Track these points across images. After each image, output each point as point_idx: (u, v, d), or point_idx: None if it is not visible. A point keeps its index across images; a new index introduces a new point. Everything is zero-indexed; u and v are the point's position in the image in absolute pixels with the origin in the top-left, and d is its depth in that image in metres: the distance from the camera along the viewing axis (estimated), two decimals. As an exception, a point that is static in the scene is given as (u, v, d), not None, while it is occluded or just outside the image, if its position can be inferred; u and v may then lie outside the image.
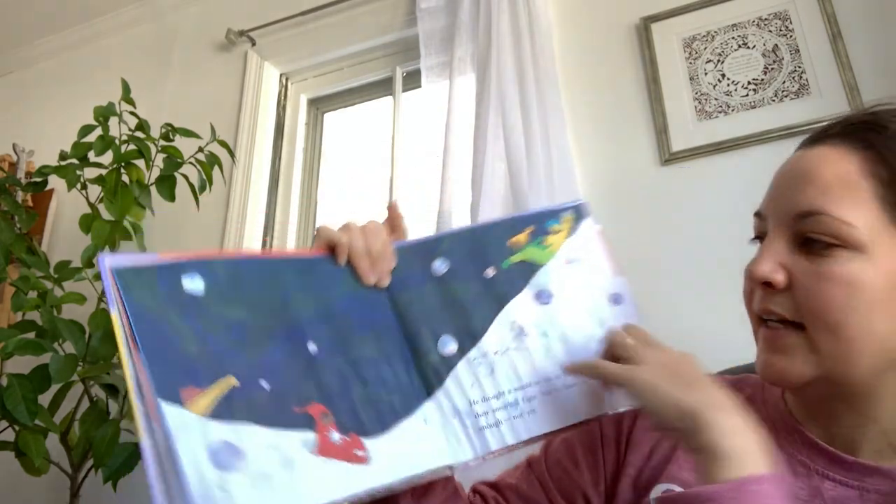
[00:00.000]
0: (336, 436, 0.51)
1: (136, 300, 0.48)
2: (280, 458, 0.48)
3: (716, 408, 0.48)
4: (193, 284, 0.52)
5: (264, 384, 0.51)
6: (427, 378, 0.58)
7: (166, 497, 0.43)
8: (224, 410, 0.47)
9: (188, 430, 0.45)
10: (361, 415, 0.54)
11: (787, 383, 0.56)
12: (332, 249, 0.60)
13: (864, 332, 0.50)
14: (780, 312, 0.53)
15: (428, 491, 0.63)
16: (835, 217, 0.51)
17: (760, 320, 0.56)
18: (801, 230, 0.53)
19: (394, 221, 0.65)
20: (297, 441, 0.49)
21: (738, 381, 0.67)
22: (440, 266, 0.63)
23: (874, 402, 0.53)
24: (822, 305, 0.51)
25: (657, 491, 0.59)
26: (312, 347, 0.55)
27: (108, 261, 0.49)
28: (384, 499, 0.58)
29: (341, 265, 0.59)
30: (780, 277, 0.53)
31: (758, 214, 0.59)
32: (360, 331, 0.58)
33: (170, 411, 0.45)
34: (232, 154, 1.68)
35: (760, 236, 0.58)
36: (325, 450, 0.50)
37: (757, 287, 0.55)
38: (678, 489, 0.58)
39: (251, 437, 0.47)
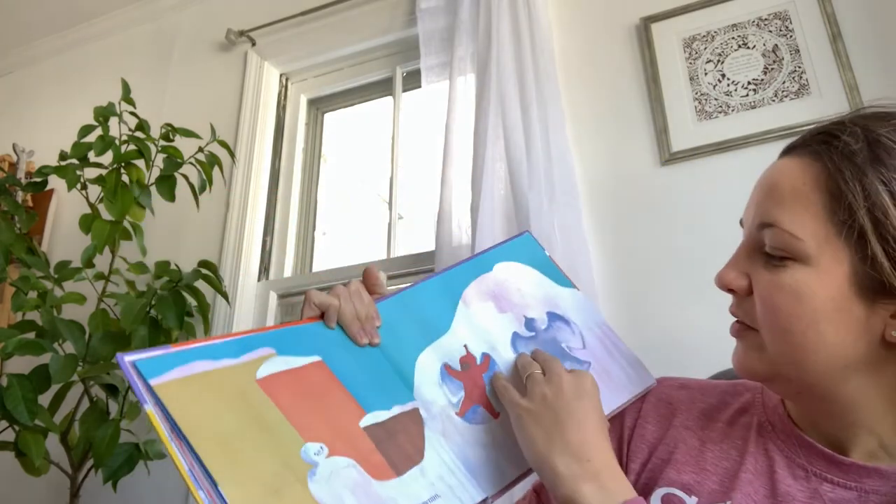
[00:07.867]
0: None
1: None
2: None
3: (582, 479, 0.52)
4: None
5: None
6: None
7: None
8: None
9: None
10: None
11: (747, 375, 0.59)
12: (322, 315, 0.63)
13: (811, 341, 0.52)
14: (741, 318, 0.58)
15: None
16: (784, 230, 0.53)
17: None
18: (761, 240, 0.55)
19: (372, 284, 0.68)
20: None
21: (736, 385, 0.67)
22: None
23: (854, 408, 0.54)
24: (773, 313, 0.54)
25: (657, 495, 0.59)
26: None
27: (128, 358, 0.51)
28: None
29: (332, 328, 0.63)
30: (741, 284, 0.57)
31: (740, 221, 0.62)
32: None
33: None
34: (232, 154, 1.68)
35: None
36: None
37: (726, 291, 0.59)
38: (679, 493, 0.58)
39: None
